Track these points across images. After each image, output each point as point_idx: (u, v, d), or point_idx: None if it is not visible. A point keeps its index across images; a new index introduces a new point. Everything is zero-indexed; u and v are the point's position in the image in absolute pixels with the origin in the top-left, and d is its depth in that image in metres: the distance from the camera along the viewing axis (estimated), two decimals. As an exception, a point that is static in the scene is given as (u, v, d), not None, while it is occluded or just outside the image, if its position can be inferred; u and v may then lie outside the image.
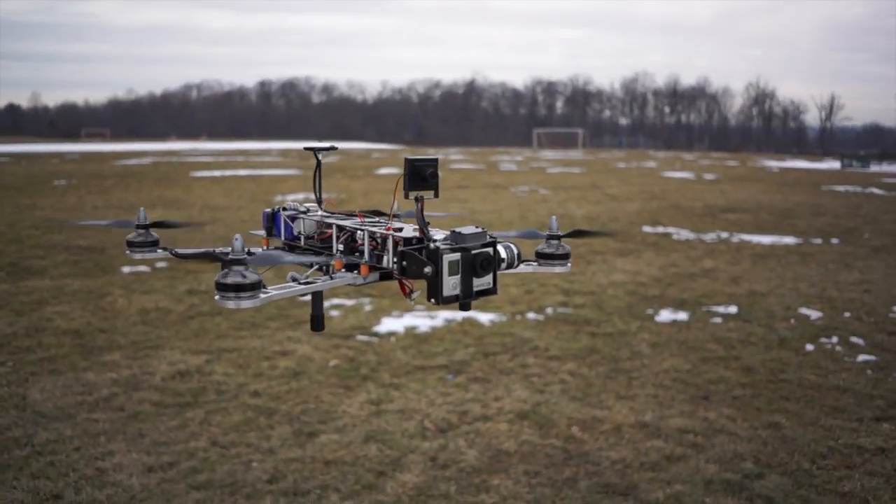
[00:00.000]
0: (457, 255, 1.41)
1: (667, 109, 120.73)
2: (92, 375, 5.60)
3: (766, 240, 12.48)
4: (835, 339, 6.64)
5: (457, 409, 4.98)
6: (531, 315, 7.35)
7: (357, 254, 1.57)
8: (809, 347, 6.42)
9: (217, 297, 1.34)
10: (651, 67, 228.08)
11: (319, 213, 1.73)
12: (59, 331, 6.76)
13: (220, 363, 5.88)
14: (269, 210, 1.78)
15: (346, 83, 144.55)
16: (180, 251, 1.67)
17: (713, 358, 6.11)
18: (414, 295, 1.53)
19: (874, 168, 45.71)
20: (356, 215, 1.66)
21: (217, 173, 29.34)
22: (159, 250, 1.77)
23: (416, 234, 1.47)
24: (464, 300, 1.46)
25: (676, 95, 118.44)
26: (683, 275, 9.38)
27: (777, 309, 7.70)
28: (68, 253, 10.59)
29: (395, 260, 1.48)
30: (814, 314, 7.49)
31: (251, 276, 1.33)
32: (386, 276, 1.55)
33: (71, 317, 7.20)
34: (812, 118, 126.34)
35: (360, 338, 6.59)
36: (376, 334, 6.71)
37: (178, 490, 3.92)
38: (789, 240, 12.56)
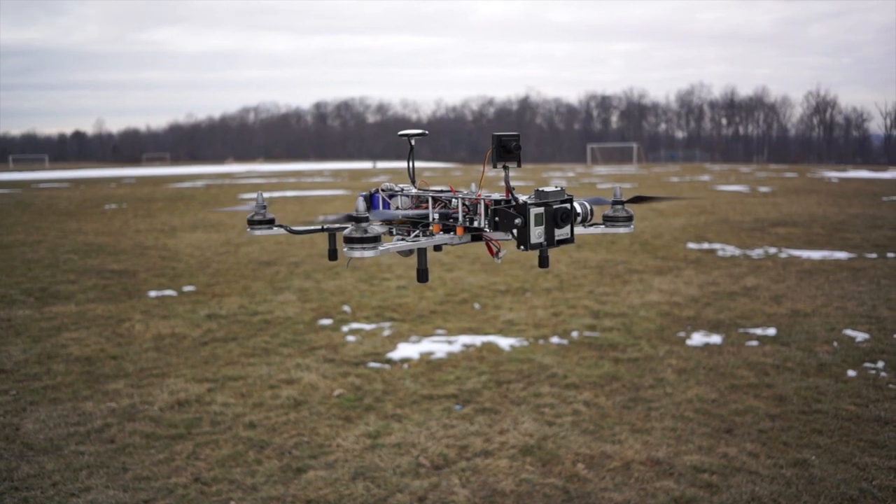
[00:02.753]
0: (541, 209, 1.69)
1: (724, 121, 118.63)
2: (91, 405, 5.45)
3: (815, 255, 11.89)
4: (880, 364, 6.17)
5: (457, 443, 4.68)
6: (555, 339, 7.01)
7: (451, 219, 1.83)
8: (851, 373, 5.96)
9: (345, 249, 1.58)
10: (708, 79, 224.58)
11: (414, 190, 1.96)
12: (71, 358, 6.65)
13: (222, 392, 5.69)
14: (365, 193, 1.96)
15: (401, 102, 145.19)
16: (295, 228, 1.88)
17: (743, 386, 5.70)
18: (501, 254, 1.78)
19: (941, 178, 44.00)
20: (449, 189, 1.89)
21: (265, 195, 29.54)
22: (275, 227, 1.98)
23: (503, 197, 1.73)
24: (548, 246, 1.72)
25: (734, 107, 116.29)
26: (723, 294, 8.93)
27: (819, 330, 7.23)
28: (99, 277, 10.58)
29: (487, 219, 1.75)
30: (860, 336, 7.00)
31: (374, 231, 1.59)
32: (476, 237, 1.80)
33: (85, 343, 7.10)
34: (877, 126, 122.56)
35: (372, 365, 6.34)
36: (389, 361, 6.45)
37: (147, 533, 3.70)
38: (841, 255, 11.95)
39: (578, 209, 1.81)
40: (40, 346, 7.01)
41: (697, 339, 6.98)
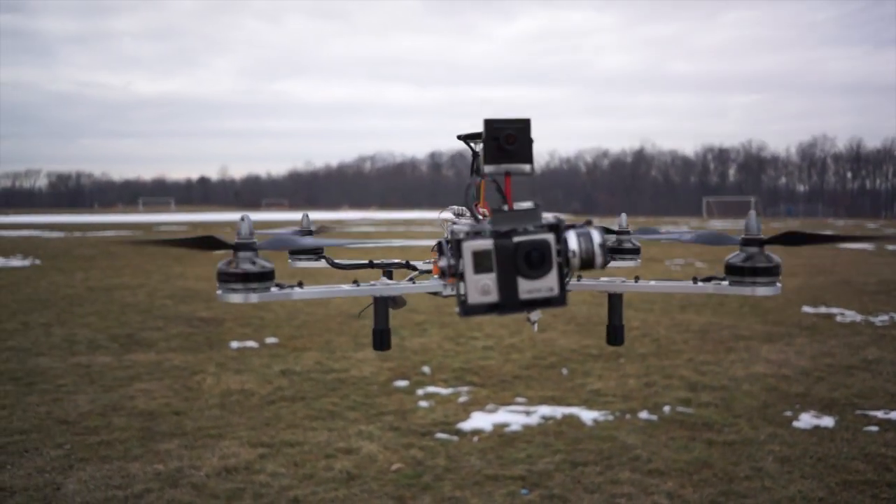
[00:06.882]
0: (487, 243, 1.02)
1: (849, 175, 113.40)
2: (138, 466, 5.19)
3: (950, 325, 10.73)
4: None
5: (516, 537, 4.15)
6: (643, 414, 6.37)
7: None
8: None
9: (219, 292, 1.21)
10: (831, 131, 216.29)
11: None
12: (135, 411, 6.46)
13: (274, 459, 5.32)
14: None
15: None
16: (339, 262, 1.74)
17: (858, 482, 4.93)
18: (534, 317, 1.30)
19: None
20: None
21: (370, 244, 29.60)
22: (321, 259, 1.85)
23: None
24: (508, 310, 1.05)
25: (860, 160, 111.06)
26: (839, 367, 8.04)
27: (953, 416, 6.32)
28: (186, 325, 10.55)
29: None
30: None
31: (260, 264, 1.20)
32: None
33: (153, 396, 6.92)
34: None
35: (440, 435, 5.86)
36: (459, 432, 5.96)
37: None
38: (980, 326, 10.75)
39: (573, 244, 1.06)
40: (108, 397, 6.86)
41: (806, 420, 6.20)
